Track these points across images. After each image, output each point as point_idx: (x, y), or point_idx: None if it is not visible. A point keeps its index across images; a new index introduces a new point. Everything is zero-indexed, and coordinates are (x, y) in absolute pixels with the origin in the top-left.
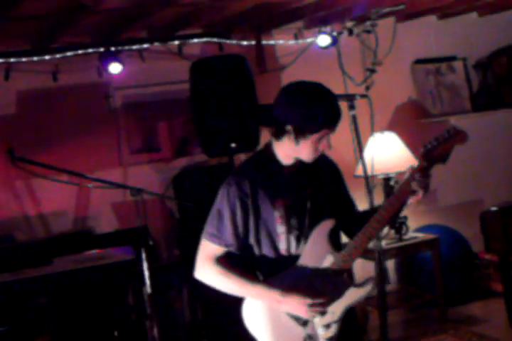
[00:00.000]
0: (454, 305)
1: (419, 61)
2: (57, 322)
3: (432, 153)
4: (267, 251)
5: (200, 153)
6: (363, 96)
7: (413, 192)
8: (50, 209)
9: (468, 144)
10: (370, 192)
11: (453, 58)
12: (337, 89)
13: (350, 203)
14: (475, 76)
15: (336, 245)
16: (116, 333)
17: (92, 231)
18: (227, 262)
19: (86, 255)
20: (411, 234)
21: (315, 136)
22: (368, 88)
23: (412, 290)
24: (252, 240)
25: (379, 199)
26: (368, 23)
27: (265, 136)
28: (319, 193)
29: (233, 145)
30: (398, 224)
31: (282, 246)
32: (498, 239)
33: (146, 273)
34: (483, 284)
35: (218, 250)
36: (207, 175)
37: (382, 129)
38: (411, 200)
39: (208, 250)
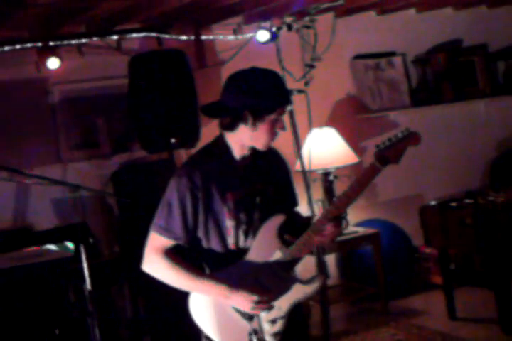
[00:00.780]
0: (395, 298)
1: (358, 56)
2: None
3: (385, 154)
4: (215, 244)
5: (140, 149)
6: (301, 91)
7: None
8: None
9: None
10: (308, 186)
11: (392, 54)
12: None
13: (294, 198)
14: (414, 71)
15: (285, 241)
16: (57, 331)
17: (32, 228)
18: (176, 255)
19: (24, 252)
20: (351, 229)
21: (272, 117)
22: (306, 83)
23: (353, 284)
24: (200, 233)
25: (318, 194)
26: (307, 18)
27: (206, 131)
28: (269, 188)
29: (173, 140)
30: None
31: (230, 241)
32: (438, 233)
33: (86, 270)
34: (423, 277)
35: (167, 243)
36: (147, 171)
37: (321, 125)
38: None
39: (156, 242)
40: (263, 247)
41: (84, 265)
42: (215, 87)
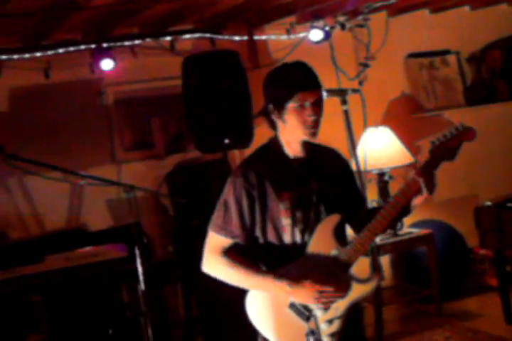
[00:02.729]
0: (449, 300)
1: (412, 55)
2: (51, 321)
3: (439, 150)
4: (272, 242)
5: (193, 150)
6: (355, 91)
7: (419, 191)
8: (43, 207)
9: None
10: (363, 187)
11: (446, 52)
12: (330, 84)
13: (359, 199)
14: (469, 70)
15: (341, 240)
16: (110, 331)
17: (86, 229)
18: (235, 253)
19: (79, 252)
20: (406, 230)
21: (292, 105)
22: (361, 83)
23: (407, 285)
24: (257, 232)
25: (373, 194)
26: (360, 17)
27: (259, 131)
28: (326, 187)
29: (226, 141)
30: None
31: (287, 239)
32: (493, 234)
33: (140, 270)
34: (479, 279)
35: (225, 242)
36: (201, 171)
37: (376, 124)
38: (416, 200)
39: (214, 242)
40: (319, 246)
41: (139, 265)
42: None
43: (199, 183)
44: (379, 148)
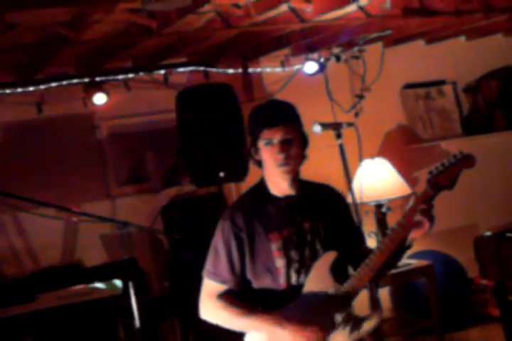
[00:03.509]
0: (451, 331)
1: (408, 86)
2: None
3: (438, 179)
4: (266, 285)
5: (189, 183)
6: (350, 124)
7: (418, 224)
8: (38, 243)
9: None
10: (358, 219)
11: (442, 82)
12: (326, 116)
13: (357, 236)
14: (465, 100)
15: (340, 277)
16: None
17: (80, 264)
18: (230, 297)
19: (71, 290)
20: (404, 261)
21: (261, 143)
22: (357, 114)
23: (407, 317)
24: (250, 275)
25: (371, 226)
26: (356, 48)
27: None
28: (321, 225)
29: (222, 174)
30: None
31: (282, 280)
32: (494, 264)
33: (135, 307)
34: (481, 309)
35: (218, 287)
36: (196, 204)
37: (372, 156)
38: (415, 234)
39: (208, 287)
40: (316, 285)
41: (133, 302)
42: None
43: (194, 217)
44: (376, 180)
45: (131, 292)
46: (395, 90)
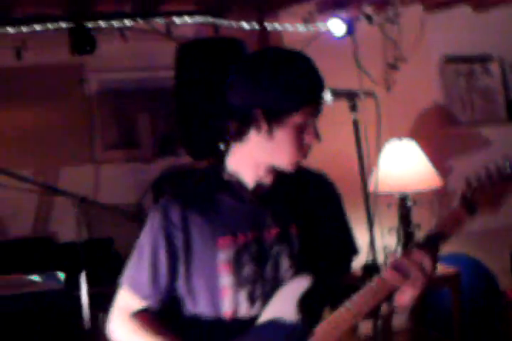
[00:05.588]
0: None
1: (449, 60)
2: None
3: (476, 197)
4: (203, 310)
5: (186, 154)
6: (369, 94)
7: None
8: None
9: (501, 158)
10: (369, 214)
11: (489, 58)
12: (351, 87)
13: (348, 252)
14: None
15: (309, 315)
16: None
17: (54, 239)
18: (147, 319)
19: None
20: None
21: (295, 119)
22: (388, 88)
23: (425, 331)
24: (182, 292)
25: (393, 221)
26: (391, 10)
27: None
28: (298, 232)
29: (222, 146)
30: None
31: (226, 306)
32: None
33: (85, 301)
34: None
35: (134, 302)
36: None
37: (400, 136)
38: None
39: (121, 301)
40: (276, 320)
41: (84, 295)
42: None
43: None
44: (402, 166)
45: (82, 283)
46: (434, 64)
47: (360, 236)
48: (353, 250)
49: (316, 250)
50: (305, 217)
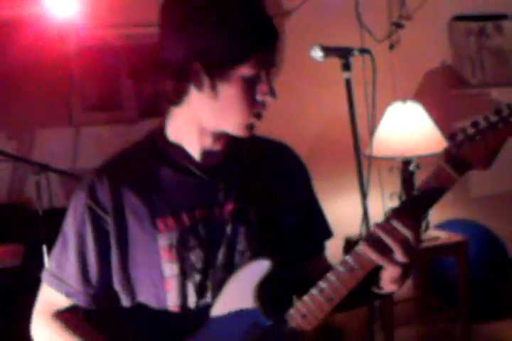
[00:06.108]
0: (480, 321)
1: (458, 17)
2: None
3: (464, 151)
4: (145, 306)
5: None
6: (364, 51)
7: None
8: None
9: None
10: (361, 178)
11: (502, 16)
12: (353, 45)
13: (315, 234)
14: None
15: (270, 306)
16: None
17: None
18: (74, 319)
19: None
20: (432, 233)
21: (243, 71)
22: (392, 47)
23: (430, 299)
24: (117, 286)
25: (395, 186)
26: None
27: None
28: (254, 210)
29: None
30: None
31: (172, 300)
32: None
33: None
34: None
35: (59, 300)
36: None
37: (405, 98)
38: (385, 274)
39: (45, 297)
40: (231, 315)
41: None
42: None
43: None
44: (405, 129)
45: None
46: (442, 21)
47: (354, 205)
48: (323, 233)
49: (278, 230)
50: (265, 192)
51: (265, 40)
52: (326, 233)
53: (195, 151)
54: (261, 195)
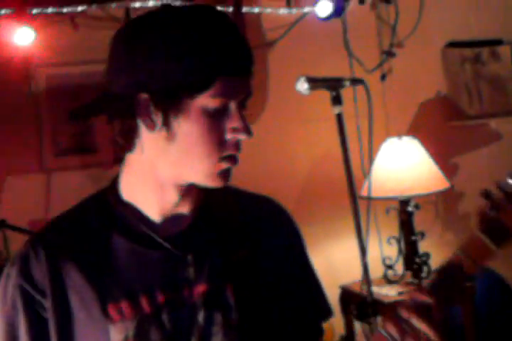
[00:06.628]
0: None
1: (452, 44)
2: None
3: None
4: None
5: None
6: (357, 81)
7: None
8: None
9: None
10: (357, 217)
11: (498, 42)
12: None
13: (311, 312)
14: None
15: None
16: None
17: None
18: None
19: None
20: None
21: (204, 101)
22: (383, 77)
23: None
24: None
25: (392, 229)
26: None
27: None
28: (235, 291)
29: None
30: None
31: None
32: None
33: None
34: None
35: None
36: None
37: (400, 133)
38: None
39: None
40: None
41: None
42: (259, 74)
43: None
44: (402, 167)
45: None
46: (436, 49)
47: (350, 250)
48: (321, 313)
49: (265, 316)
50: (247, 266)
51: (230, 62)
52: (325, 312)
53: (154, 213)
54: (242, 270)
